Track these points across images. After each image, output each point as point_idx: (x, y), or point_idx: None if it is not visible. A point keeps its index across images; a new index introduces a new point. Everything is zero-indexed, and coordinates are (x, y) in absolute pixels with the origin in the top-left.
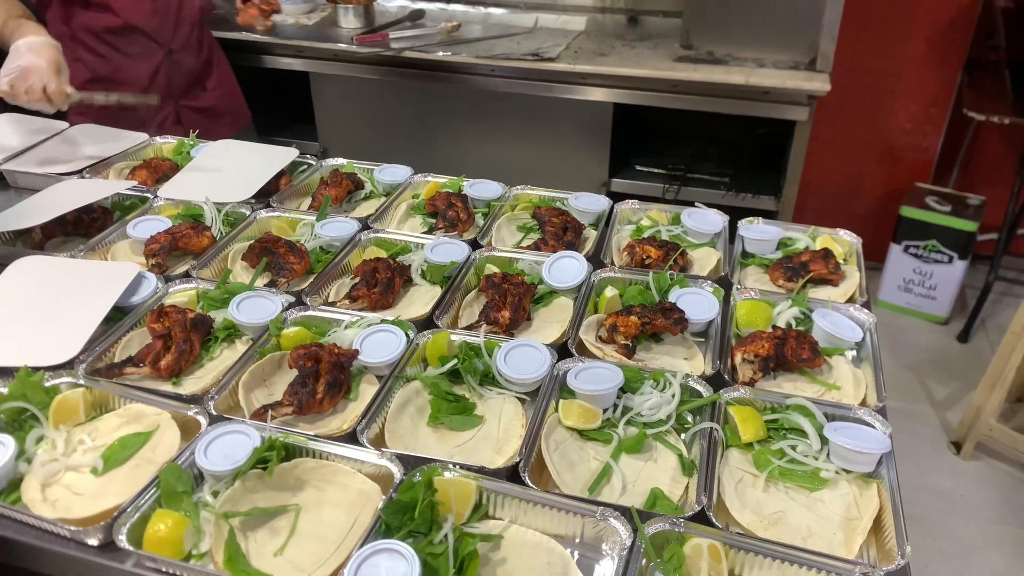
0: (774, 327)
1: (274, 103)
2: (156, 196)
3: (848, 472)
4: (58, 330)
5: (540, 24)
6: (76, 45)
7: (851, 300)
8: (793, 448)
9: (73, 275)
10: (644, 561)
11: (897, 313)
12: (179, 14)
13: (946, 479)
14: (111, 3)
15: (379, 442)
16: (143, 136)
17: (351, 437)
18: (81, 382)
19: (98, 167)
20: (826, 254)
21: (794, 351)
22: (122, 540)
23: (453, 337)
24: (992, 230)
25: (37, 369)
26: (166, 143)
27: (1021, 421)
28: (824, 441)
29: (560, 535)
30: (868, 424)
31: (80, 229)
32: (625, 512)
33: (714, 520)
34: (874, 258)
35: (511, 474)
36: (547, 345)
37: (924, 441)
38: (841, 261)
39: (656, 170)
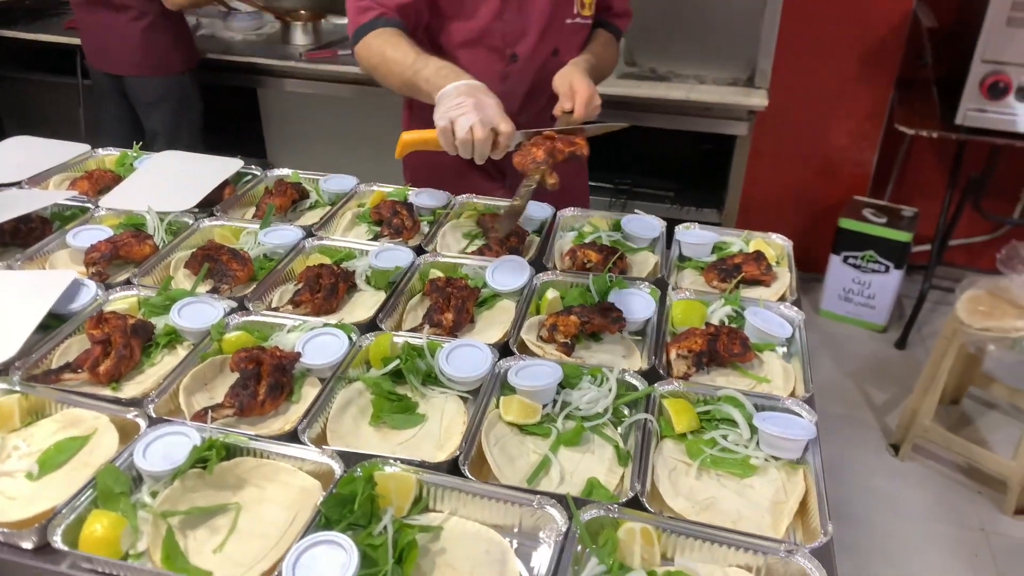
0: (707, 324)
1: (222, 121)
2: (97, 206)
3: (776, 459)
4: None
5: None
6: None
7: (782, 299)
8: (724, 437)
9: (7, 283)
10: (579, 547)
11: (838, 322)
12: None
13: (885, 480)
14: (465, 67)
15: (321, 441)
16: (85, 147)
17: (293, 437)
18: (16, 388)
19: (37, 178)
20: (758, 256)
21: (726, 346)
22: (57, 541)
23: (396, 339)
24: (926, 241)
25: None
26: (108, 155)
27: (955, 423)
28: (754, 431)
29: (499, 525)
30: (796, 413)
31: (17, 239)
32: (561, 500)
33: (648, 506)
34: (815, 269)
35: (451, 468)
36: (489, 345)
37: (864, 444)
38: (774, 263)
39: (603, 184)
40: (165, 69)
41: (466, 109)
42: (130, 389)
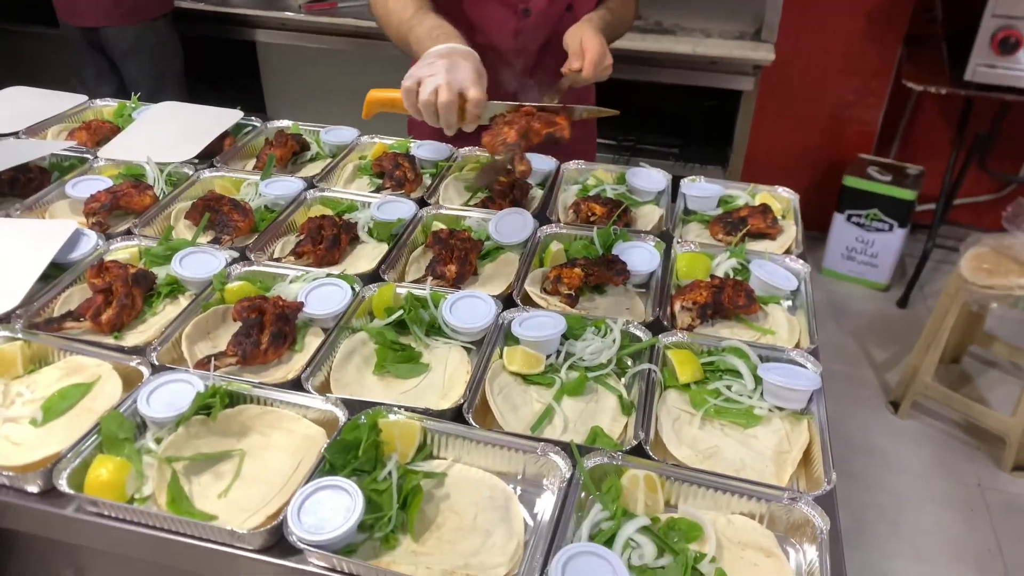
0: (712, 277)
1: (221, 74)
2: (96, 157)
3: (781, 410)
4: None
5: None
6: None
7: (788, 252)
8: (728, 388)
9: (9, 233)
10: (583, 494)
11: (841, 281)
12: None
13: (884, 437)
14: (477, 22)
15: (324, 390)
16: (82, 98)
17: (296, 385)
18: (19, 336)
19: (35, 128)
20: (764, 209)
21: (731, 298)
22: (63, 485)
23: (399, 290)
24: (931, 200)
25: None
26: (107, 106)
27: (955, 381)
28: (758, 381)
29: (503, 472)
30: (800, 364)
31: (16, 189)
32: (565, 448)
33: (651, 454)
34: (818, 227)
35: (455, 416)
36: (493, 296)
37: (864, 402)
38: (779, 216)
39: (607, 141)
40: (139, 16)
41: (436, 70)
42: (132, 338)
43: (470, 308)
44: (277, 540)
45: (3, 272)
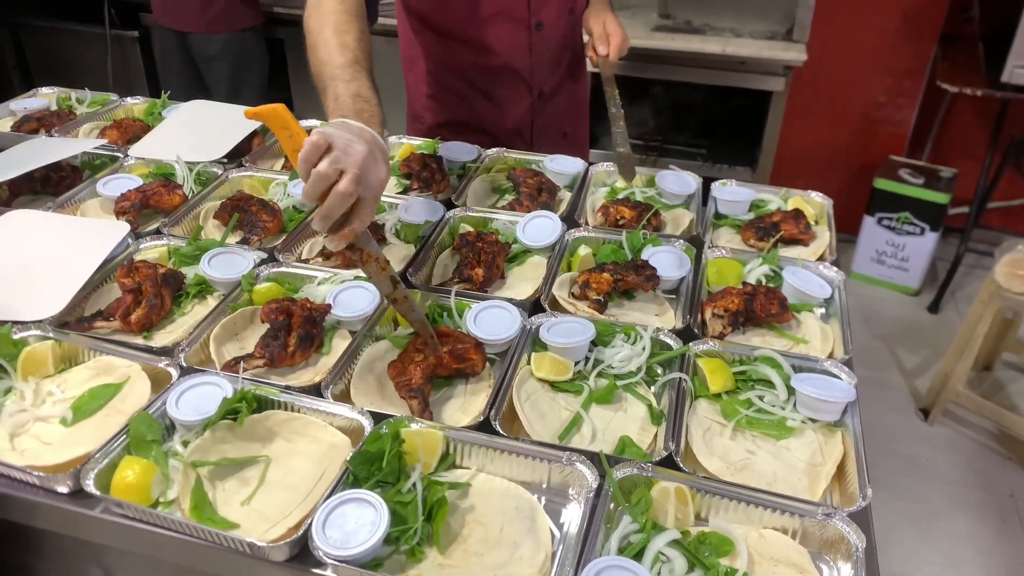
0: (744, 284)
1: None
2: (126, 155)
3: (814, 421)
4: (45, 285)
5: None
6: (434, 82)
7: (821, 259)
8: (760, 398)
9: (62, 231)
10: (612, 505)
11: (870, 284)
12: (558, 55)
13: (914, 445)
14: (491, 44)
15: (344, 398)
16: (112, 96)
17: (316, 391)
18: (50, 335)
19: (67, 126)
20: (797, 214)
21: (763, 306)
22: (89, 486)
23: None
24: (964, 203)
25: (4, 322)
26: (136, 104)
27: (987, 388)
28: (791, 392)
29: (526, 481)
30: (834, 375)
31: (48, 187)
32: (592, 457)
33: (681, 466)
34: (847, 230)
35: (481, 424)
36: (520, 301)
37: (893, 408)
38: (812, 222)
39: (633, 140)
40: (227, 25)
41: (354, 152)
42: (161, 338)
43: (495, 318)
44: (298, 552)
45: (55, 272)
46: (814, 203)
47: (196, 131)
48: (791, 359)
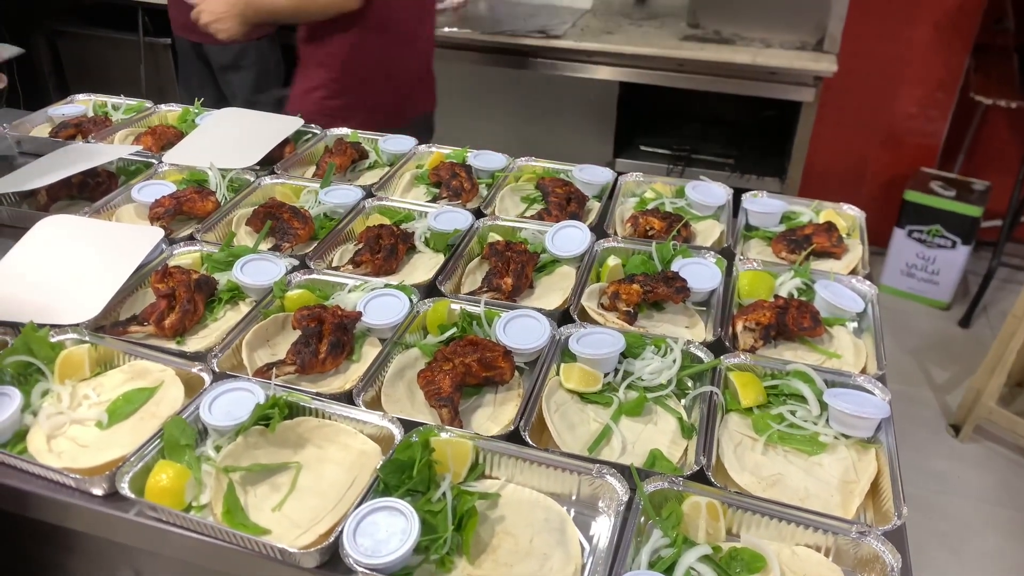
0: (776, 297)
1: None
2: (161, 161)
3: (847, 437)
4: (81, 289)
5: (547, 2)
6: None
7: (853, 272)
8: (793, 413)
9: (99, 236)
10: (642, 518)
11: (899, 298)
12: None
13: (944, 462)
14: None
15: (375, 405)
16: (147, 103)
17: (350, 397)
18: (86, 338)
19: (103, 132)
20: (829, 227)
21: (795, 320)
22: (124, 489)
23: (453, 306)
24: (996, 216)
25: (43, 325)
26: (171, 111)
27: (1020, 405)
28: (823, 407)
29: (555, 493)
30: (867, 391)
31: (84, 192)
32: (623, 470)
33: (713, 480)
34: (877, 242)
35: (510, 434)
36: (549, 311)
37: (923, 424)
38: (844, 235)
39: (660, 150)
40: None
41: None
42: (193, 343)
43: (524, 328)
44: (328, 558)
45: (91, 276)
46: (846, 216)
47: (229, 138)
48: (823, 374)
